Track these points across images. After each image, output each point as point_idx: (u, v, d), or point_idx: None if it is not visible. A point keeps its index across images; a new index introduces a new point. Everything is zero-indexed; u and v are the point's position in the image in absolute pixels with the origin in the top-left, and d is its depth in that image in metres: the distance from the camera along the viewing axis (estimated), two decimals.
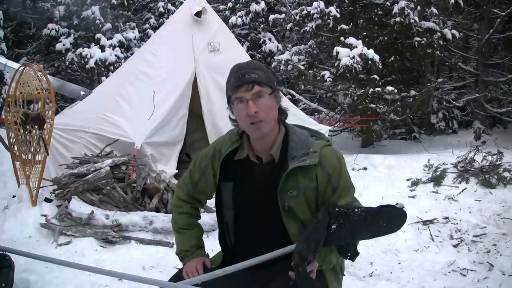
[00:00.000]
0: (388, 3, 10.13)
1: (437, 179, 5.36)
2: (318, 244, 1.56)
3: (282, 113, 1.80)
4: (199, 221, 2.03)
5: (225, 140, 1.87)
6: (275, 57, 11.44)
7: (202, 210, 4.73)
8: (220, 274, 1.68)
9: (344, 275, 1.92)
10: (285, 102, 5.03)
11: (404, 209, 1.72)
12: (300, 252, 1.52)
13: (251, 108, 1.68)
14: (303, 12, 10.43)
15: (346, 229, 1.57)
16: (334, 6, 10.04)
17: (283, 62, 10.49)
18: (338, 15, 9.88)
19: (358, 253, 1.69)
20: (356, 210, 1.61)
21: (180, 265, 1.96)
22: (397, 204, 1.74)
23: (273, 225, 1.76)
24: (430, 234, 4.12)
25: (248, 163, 1.81)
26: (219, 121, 5.89)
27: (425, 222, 4.33)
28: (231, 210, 1.83)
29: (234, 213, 1.83)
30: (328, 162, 1.74)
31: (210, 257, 1.97)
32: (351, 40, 8.93)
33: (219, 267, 1.82)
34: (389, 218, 1.66)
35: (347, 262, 1.98)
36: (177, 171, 5.55)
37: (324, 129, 6.60)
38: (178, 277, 1.84)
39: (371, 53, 8.67)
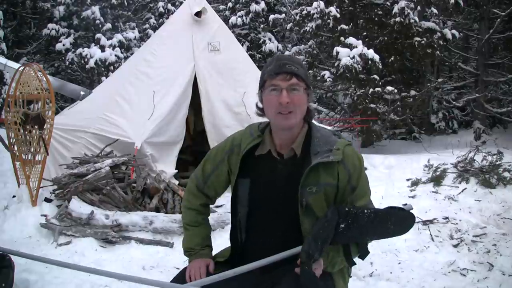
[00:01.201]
0: (388, 3, 10.14)
1: (437, 179, 5.35)
2: (324, 243, 1.57)
3: (309, 112, 1.80)
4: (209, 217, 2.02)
5: (246, 135, 1.84)
6: None
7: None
8: (228, 276, 1.66)
9: (351, 276, 1.92)
10: None
11: (412, 211, 1.72)
12: (307, 251, 1.53)
13: (284, 97, 1.68)
14: (303, 12, 10.44)
15: (354, 229, 1.59)
16: (334, 6, 10.05)
17: None
18: (338, 15, 9.89)
19: (368, 252, 1.71)
20: (365, 211, 1.62)
21: (180, 265, 1.95)
22: (405, 205, 1.74)
23: (288, 221, 1.74)
24: (430, 234, 4.12)
25: (269, 159, 1.79)
26: (219, 120, 5.89)
27: (425, 222, 4.32)
28: (246, 207, 1.81)
29: (248, 209, 1.81)
30: (350, 161, 1.74)
31: (218, 251, 1.96)
32: (351, 40, 8.94)
33: (227, 262, 1.82)
34: (397, 220, 1.67)
35: None
36: (176, 171, 5.55)
37: None
38: (178, 279, 1.83)
39: (371, 53, 8.68)
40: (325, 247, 1.58)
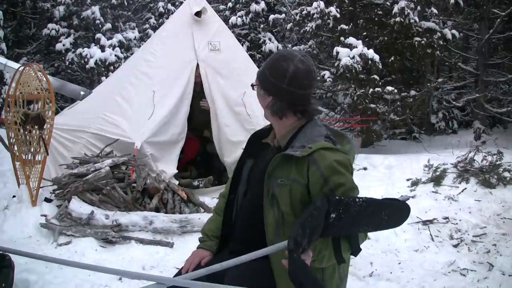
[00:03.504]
0: (388, 3, 10.13)
1: (437, 179, 5.35)
2: (313, 232, 1.47)
3: (297, 110, 1.85)
4: None
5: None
6: None
7: (202, 210, 4.72)
8: (216, 269, 1.64)
9: (346, 275, 1.90)
10: None
11: (407, 202, 1.66)
12: (295, 237, 1.42)
13: None
14: (303, 12, 10.43)
15: (345, 219, 1.51)
16: (334, 6, 10.04)
17: None
18: (338, 15, 9.88)
19: (360, 249, 1.66)
20: (357, 200, 1.56)
21: (180, 265, 1.97)
22: (401, 196, 1.70)
23: (259, 209, 1.79)
24: (430, 234, 4.12)
25: (268, 146, 1.94)
26: (221, 119, 5.86)
27: (425, 222, 4.33)
28: (244, 186, 1.95)
29: (245, 189, 1.94)
30: (326, 164, 1.67)
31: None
32: (351, 40, 8.93)
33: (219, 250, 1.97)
34: (391, 211, 1.60)
35: None
36: (177, 171, 5.54)
37: None
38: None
39: (371, 53, 8.67)
40: (314, 238, 1.49)
